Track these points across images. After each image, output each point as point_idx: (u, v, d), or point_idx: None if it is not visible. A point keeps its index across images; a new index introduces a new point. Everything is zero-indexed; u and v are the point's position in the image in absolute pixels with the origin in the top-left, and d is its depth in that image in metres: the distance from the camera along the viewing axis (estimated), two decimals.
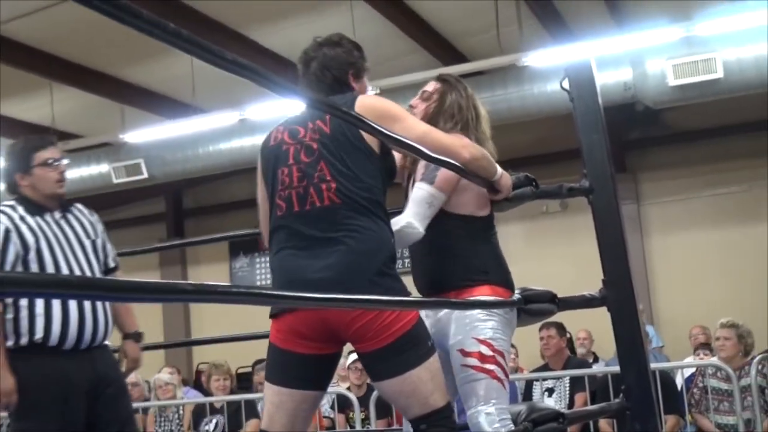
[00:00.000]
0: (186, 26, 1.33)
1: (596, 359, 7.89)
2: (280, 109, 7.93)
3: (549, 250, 9.94)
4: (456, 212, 2.84)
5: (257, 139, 8.50)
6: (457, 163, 2.60)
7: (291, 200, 2.59)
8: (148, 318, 11.33)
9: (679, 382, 6.05)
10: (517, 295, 2.95)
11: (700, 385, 5.57)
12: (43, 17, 7.08)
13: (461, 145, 2.69)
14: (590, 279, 3.46)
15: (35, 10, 6.96)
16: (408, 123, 2.62)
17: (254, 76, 1.54)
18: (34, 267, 3.25)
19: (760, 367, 5.26)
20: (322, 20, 7.73)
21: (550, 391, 5.91)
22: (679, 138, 9.70)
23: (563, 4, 7.93)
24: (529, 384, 6.09)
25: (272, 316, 2.60)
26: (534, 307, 2.97)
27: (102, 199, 10.71)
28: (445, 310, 2.86)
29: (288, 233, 2.58)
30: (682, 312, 8.93)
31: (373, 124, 2.14)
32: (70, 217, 3.46)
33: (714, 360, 5.60)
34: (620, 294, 3.16)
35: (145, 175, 8.95)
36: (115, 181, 9.05)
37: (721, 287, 8.97)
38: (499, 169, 2.82)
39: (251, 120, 8.17)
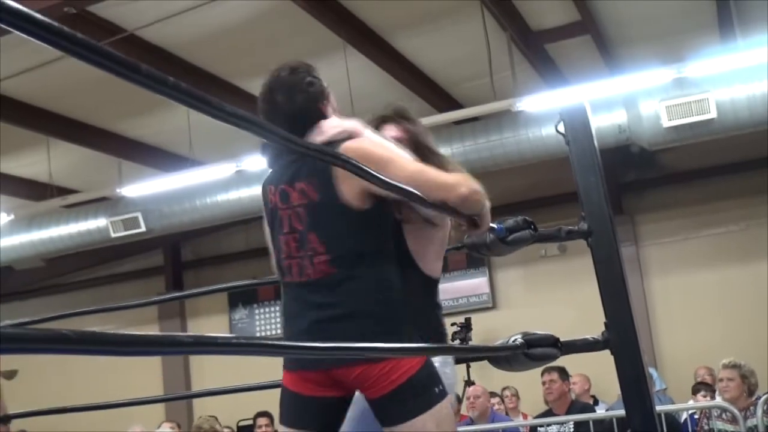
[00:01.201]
0: (177, 77, 1.33)
1: (596, 402, 7.82)
2: None
3: (548, 294, 9.92)
4: (424, 270, 2.82)
5: (254, 191, 8.53)
6: (445, 201, 2.51)
7: (292, 269, 2.57)
8: (148, 372, 11.30)
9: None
10: (519, 340, 2.93)
11: (706, 427, 5.51)
12: (39, 74, 7.13)
13: (456, 182, 2.54)
14: (591, 322, 3.44)
15: (31, 67, 7.01)
16: (398, 163, 2.51)
17: (253, 127, 1.55)
18: None
19: (766, 407, 5.21)
20: None
21: None
22: (675, 179, 9.74)
23: (555, 50, 8.01)
24: (533, 430, 6.02)
25: (285, 368, 2.61)
26: (537, 351, 2.94)
27: (100, 254, 10.73)
28: None
29: (292, 297, 2.60)
30: (685, 353, 8.89)
31: (373, 173, 2.11)
32: None
33: (719, 401, 5.55)
34: (623, 336, 3.13)
35: (143, 229, 8.94)
36: (113, 235, 9.03)
37: (723, 326, 8.93)
38: (487, 203, 2.67)
39: (248, 171, 8.19)
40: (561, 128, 3.42)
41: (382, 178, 2.17)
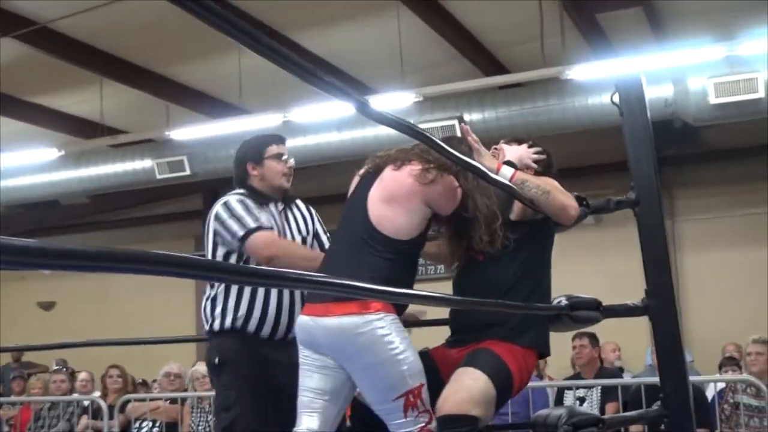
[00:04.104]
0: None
1: (621, 371, 7.93)
2: (324, 112, 8.09)
3: (581, 264, 9.98)
4: None
5: (300, 141, 8.65)
6: None
7: None
8: (180, 312, 11.53)
9: (710, 397, 6.10)
10: (563, 302, 3.05)
11: (731, 401, 5.62)
12: (96, 15, 7.26)
13: None
14: (622, 293, 3.55)
15: (89, 8, 7.14)
16: None
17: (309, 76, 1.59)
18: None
19: None
20: (368, 27, 7.88)
21: (581, 400, 5.96)
22: (715, 155, 9.74)
23: (606, 20, 8.01)
24: (560, 392, 6.16)
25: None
26: (581, 314, 3.06)
27: (142, 194, 10.95)
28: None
29: None
30: (714, 330, 8.95)
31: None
32: (288, 211, 3.60)
33: (746, 376, 5.65)
34: (663, 304, 3.24)
35: (188, 172, 9.10)
36: (159, 176, 9.21)
37: (753, 305, 8.96)
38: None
39: (295, 122, 8.32)
40: (616, 99, 3.51)
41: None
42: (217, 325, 3.44)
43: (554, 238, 3.30)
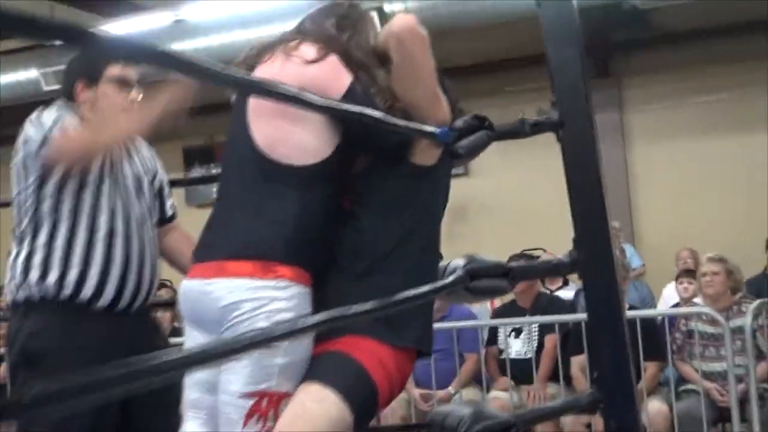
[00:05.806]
0: None
1: (566, 282, 7.22)
2: (225, 8, 7.11)
3: (526, 161, 9.20)
4: None
5: (199, 42, 7.62)
6: None
7: None
8: None
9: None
10: (460, 270, 2.25)
11: (684, 329, 4.96)
12: None
13: None
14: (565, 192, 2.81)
15: None
16: None
17: None
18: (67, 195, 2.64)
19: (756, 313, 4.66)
20: None
21: (518, 332, 5.30)
22: (668, 40, 8.86)
23: None
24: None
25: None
26: (482, 284, 2.26)
27: (30, 109, 9.91)
28: None
29: None
30: (667, 231, 8.29)
31: None
32: (125, 148, 2.79)
33: (699, 308, 4.97)
34: (594, 258, 2.46)
35: None
36: (46, 88, 8.21)
37: (711, 204, 8.27)
38: None
39: (190, 21, 7.30)
40: None
41: None
42: (35, 293, 2.59)
43: (449, 186, 2.48)
